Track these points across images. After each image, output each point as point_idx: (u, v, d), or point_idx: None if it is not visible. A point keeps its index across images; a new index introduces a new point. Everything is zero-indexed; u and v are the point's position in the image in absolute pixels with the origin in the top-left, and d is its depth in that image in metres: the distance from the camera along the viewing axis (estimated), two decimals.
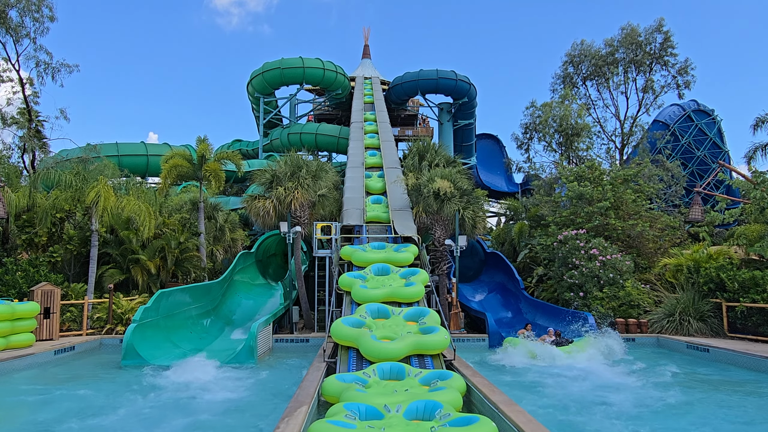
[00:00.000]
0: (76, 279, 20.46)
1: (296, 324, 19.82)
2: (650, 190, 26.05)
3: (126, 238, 20.56)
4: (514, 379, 12.75)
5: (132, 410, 9.77)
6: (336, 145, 40.87)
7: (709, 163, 36.90)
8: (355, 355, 11.82)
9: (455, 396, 8.60)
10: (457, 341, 16.00)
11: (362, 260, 18.10)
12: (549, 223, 24.43)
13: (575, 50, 38.54)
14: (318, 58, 40.19)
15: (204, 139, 23.71)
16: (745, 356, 14.06)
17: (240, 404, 10.28)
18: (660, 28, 36.03)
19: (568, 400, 10.33)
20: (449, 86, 41.75)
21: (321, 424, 7.14)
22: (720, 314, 17.64)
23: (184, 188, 30.02)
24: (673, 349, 16.69)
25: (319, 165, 22.67)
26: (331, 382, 9.48)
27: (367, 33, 53.56)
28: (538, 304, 20.94)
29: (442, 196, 20.57)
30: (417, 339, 11.65)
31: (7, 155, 27.65)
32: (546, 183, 32.64)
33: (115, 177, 21.66)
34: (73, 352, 15.50)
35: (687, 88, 36.64)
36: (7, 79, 29.42)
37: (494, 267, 25.61)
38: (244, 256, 24.43)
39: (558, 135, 34.55)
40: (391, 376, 10.20)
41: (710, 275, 18.01)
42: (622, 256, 20.54)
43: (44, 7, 28.47)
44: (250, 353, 14.48)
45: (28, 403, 10.35)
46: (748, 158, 23.16)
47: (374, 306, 14.03)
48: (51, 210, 19.60)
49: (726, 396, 10.90)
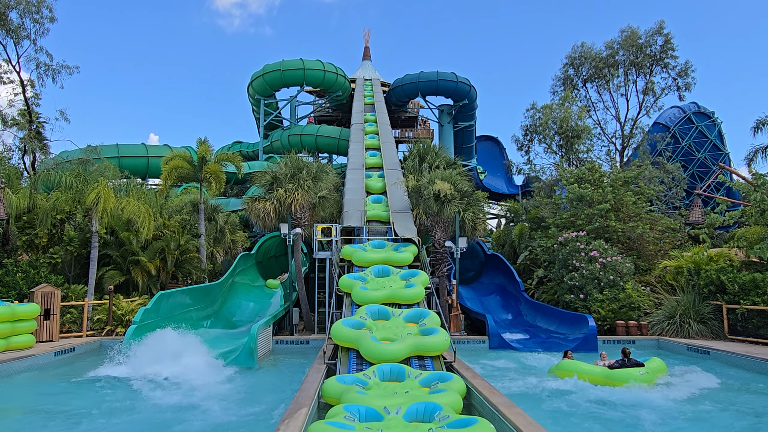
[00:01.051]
0: (76, 280, 20.45)
1: (296, 326, 19.81)
2: (650, 193, 26.06)
3: (126, 239, 20.56)
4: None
5: (130, 412, 9.77)
6: (336, 146, 40.88)
7: (710, 165, 36.91)
8: (355, 356, 11.81)
9: (455, 398, 8.59)
10: (457, 343, 15.98)
11: (362, 260, 18.18)
12: (549, 225, 24.43)
13: (575, 52, 38.57)
14: (318, 60, 40.20)
15: (204, 140, 23.59)
16: (745, 358, 14.06)
17: (239, 406, 10.27)
18: (660, 31, 36.07)
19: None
20: (449, 88, 41.76)
21: (320, 425, 7.15)
22: (720, 316, 17.63)
23: (185, 190, 30.00)
24: (673, 351, 16.67)
25: (320, 166, 22.67)
26: (331, 384, 9.48)
27: (367, 35, 53.63)
28: (539, 306, 20.93)
29: (443, 198, 20.57)
30: (417, 340, 11.64)
31: (8, 156, 27.63)
32: (546, 185, 32.65)
33: (115, 178, 21.65)
34: (73, 353, 15.50)
35: (687, 91, 36.70)
36: (8, 80, 29.44)
37: (494, 269, 25.60)
38: (244, 258, 24.44)
39: (558, 137, 34.56)
40: (392, 377, 10.20)
41: (710, 277, 18.00)
42: (623, 258, 20.55)
43: (44, 8, 28.48)
44: (250, 355, 14.47)
45: (27, 404, 10.34)
46: (749, 160, 23.14)
47: (374, 307, 14.00)
48: (51, 211, 19.60)
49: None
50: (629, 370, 11.81)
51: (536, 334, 18.90)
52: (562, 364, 12.63)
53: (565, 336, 18.25)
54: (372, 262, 17.95)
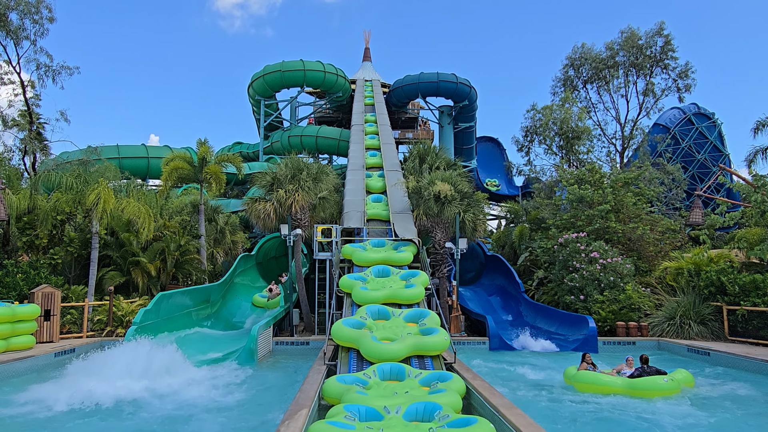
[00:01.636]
0: (76, 281, 20.44)
1: (296, 327, 19.80)
2: (651, 194, 26.07)
3: (126, 240, 20.56)
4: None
5: (130, 414, 9.76)
6: (336, 147, 40.90)
7: (710, 166, 36.92)
8: (355, 356, 11.85)
9: (455, 398, 8.60)
10: (457, 344, 15.98)
11: (362, 259, 18.26)
12: (549, 226, 24.43)
13: (576, 53, 38.61)
14: (319, 61, 40.23)
15: (204, 141, 23.61)
16: (746, 360, 14.06)
17: (239, 407, 10.26)
18: (660, 32, 36.10)
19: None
20: (450, 89, 41.79)
21: (320, 424, 7.18)
22: (721, 318, 17.62)
23: (185, 190, 30.00)
24: (673, 352, 16.68)
25: (320, 167, 22.68)
26: (331, 384, 9.53)
27: (367, 36, 53.69)
28: (539, 307, 20.92)
29: (443, 199, 20.58)
30: (417, 340, 11.69)
31: (8, 157, 27.66)
32: (546, 186, 32.67)
33: (115, 179, 21.64)
34: (73, 354, 15.47)
35: (687, 92, 36.75)
36: (8, 81, 29.46)
37: (494, 270, 25.59)
38: (244, 259, 24.44)
39: (558, 138, 34.59)
40: (392, 376, 10.26)
41: (711, 278, 18.00)
42: (623, 260, 20.55)
43: (43, 8, 28.50)
44: (250, 356, 14.47)
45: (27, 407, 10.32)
46: (749, 161, 23.14)
47: (374, 307, 14.05)
48: (52, 212, 19.59)
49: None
50: (652, 378, 11.08)
51: (537, 335, 18.89)
52: (580, 375, 11.65)
53: (566, 337, 18.25)
54: (372, 262, 18.01)
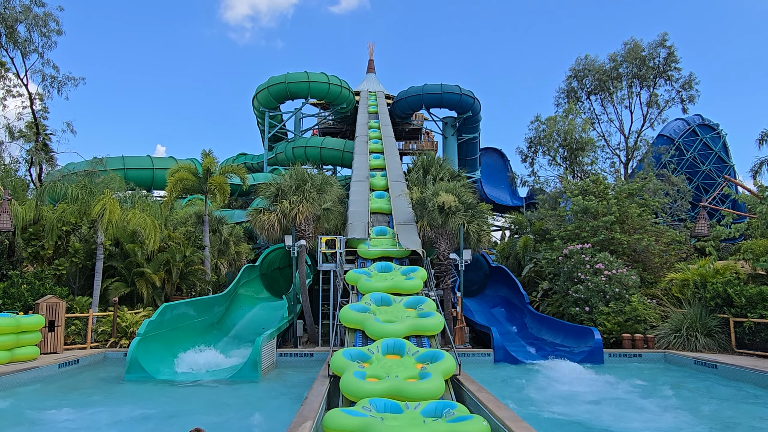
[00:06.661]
0: (81, 292, 20.48)
1: (300, 338, 19.74)
2: (655, 205, 26.00)
3: (131, 251, 20.61)
4: None
5: (133, 425, 9.73)
6: (341, 158, 40.99)
7: (715, 177, 36.86)
8: (360, 336, 13.57)
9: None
10: (462, 356, 15.88)
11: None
12: (554, 237, 24.37)
13: (579, 65, 38.75)
14: (323, 73, 40.46)
15: (209, 152, 23.79)
16: (753, 372, 13.92)
17: (244, 419, 10.21)
18: (663, 43, 36.22)
19: None
20: (453, 101, 41.92)
21: (335, 412, 8.15)
22: (727, 330, 17.48)
23: (189, 201, 30.09)
24: (680, 364, 16.53)
25: (324, 178, 22.72)
26: (337, 358, 11.03)
27: (371, 48, 53.97)
28: (544, 318, 20.82)
29: (447, 210, 20.58)
30: (415, 322, 13.54)
31: (15, 168, 27.87)
32: (550, 197, 32.61)
33: (120, 190, 21.79)
34: (77, 365, 15.47)
35: (691, 103, 36.78)
36: (16, 93, 29.73)
37: (499, 281, 25.51)
38: (248, 270, 24.44)
39: (562, 149, 34.61)
40: (394, 351, 11.85)
41: (717, 290, 17.88)
42: (628, 271, 20.45)
43: (51, 21, 28.80)
44: (254, 367, 14.41)
45: (30, 417, 10.30)
46: (754, 173, 23.17)
47: (378, 295, 15.68)
48: (57, 223, 19.68)
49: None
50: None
51: (542, 347, 18.78)
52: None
53: (571, 349, 18.12)
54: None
